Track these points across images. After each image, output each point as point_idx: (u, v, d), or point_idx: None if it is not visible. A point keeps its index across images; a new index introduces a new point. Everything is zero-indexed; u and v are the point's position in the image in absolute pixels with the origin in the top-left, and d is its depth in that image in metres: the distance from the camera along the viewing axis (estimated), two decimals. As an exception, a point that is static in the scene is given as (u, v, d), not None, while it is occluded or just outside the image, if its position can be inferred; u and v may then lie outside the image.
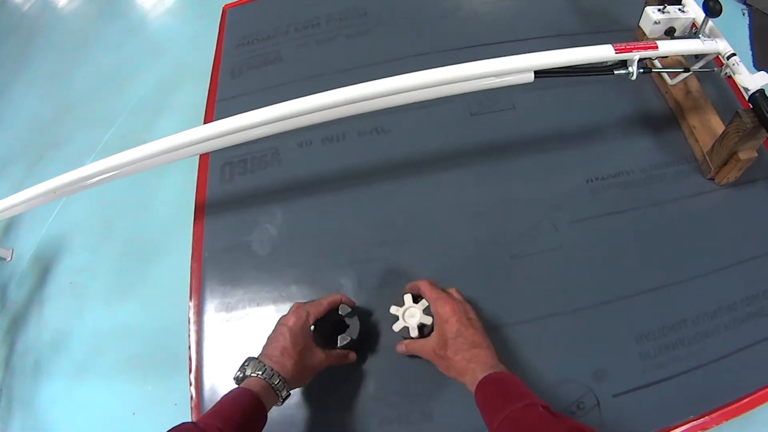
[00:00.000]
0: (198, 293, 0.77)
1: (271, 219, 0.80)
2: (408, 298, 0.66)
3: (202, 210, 0.84)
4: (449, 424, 0.63)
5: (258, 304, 0.74)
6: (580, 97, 0.83)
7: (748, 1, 1.83)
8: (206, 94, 0.99)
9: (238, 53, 1.03)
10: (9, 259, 1.95)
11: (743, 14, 1.84)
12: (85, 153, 2.10)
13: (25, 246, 1.96)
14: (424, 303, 0.65)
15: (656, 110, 0.81)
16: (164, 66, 2.29)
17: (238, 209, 0.82)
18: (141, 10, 2.79)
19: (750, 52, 1.72)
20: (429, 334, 0.64)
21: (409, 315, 0.65)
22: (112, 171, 0.73)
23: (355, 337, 0.65)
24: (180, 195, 1.83)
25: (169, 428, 0.50)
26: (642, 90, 0.83)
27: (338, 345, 0.65)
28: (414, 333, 0.63)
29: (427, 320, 0.64)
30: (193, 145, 0.70)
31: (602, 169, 0.76)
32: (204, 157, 0.89)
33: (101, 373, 1.63)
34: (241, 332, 0.73)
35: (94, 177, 0.73)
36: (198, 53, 1.38)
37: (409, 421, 0.64)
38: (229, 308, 0.75)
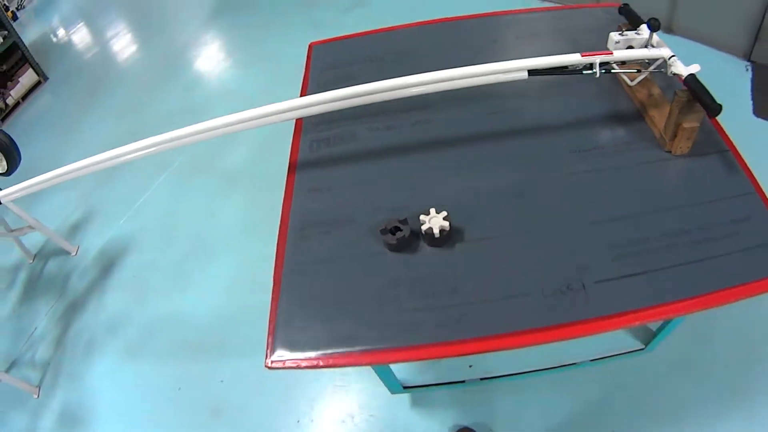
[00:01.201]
0: (286, 221, 1.11)
1: (344, 175, 1.18)
2: (433, 210, 0.99)
3: (294, 168, 1.22)
4: (470, 295, 0.93)
5: (329, 233, 1.07)
6: (570, 99, 1.22)
7: (752, 58, 2.24)
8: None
9: (323, 75, 1.48)
10: (74, 253, 2.26)
11: (746, 70, 2.26)
12: (156, 172, 2.48)
13: (92, 244, 2.28)
14: (443, 212, 0.98)
15: (626, 109, 1.19)
16: (235, 101, 2.74)
17: (321, 168, 1.20)
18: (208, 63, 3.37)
19: (750, 103, 2.11)
20: (446, 236, 0.97)
21: (434, 222, 0.98)
22: (222, 127, 1.15)
23: (407, 235, 0.99)
24: (242, 209, 2.23)
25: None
26: (616, 95, 1.21)
27: (395, 240, 0.98)
28: (436, 232, 0.96)
29: (446, 225, 0.97)
30: (295, 110, 1.13)
31: (583, 144, 1.12)
32: (297, 135, 1.29)
33: (152, 353, 1.85)
34: (315, 246, 1.06)
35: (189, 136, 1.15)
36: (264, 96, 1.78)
37: (435, 292, 0.94)
38: (304, 233, 1.09)
